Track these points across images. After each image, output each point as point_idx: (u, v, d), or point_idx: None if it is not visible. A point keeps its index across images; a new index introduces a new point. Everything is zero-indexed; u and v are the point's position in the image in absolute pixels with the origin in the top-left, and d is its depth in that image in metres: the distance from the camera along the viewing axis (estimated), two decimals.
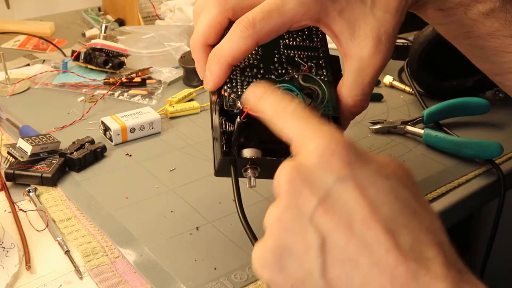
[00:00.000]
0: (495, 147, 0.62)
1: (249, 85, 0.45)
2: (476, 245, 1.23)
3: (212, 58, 0.43)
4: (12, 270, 0.47)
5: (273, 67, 0.48)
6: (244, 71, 0.47)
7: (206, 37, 0.45)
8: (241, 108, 0.43)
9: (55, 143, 0.62)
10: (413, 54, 0.77)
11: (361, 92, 0.45)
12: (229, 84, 0.45)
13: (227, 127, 0.45)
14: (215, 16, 0.44)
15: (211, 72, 0.44)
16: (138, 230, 0.52)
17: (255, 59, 0.48)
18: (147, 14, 1.14)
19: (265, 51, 0.49)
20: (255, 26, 0.41)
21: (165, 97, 0.79)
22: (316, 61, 0.50)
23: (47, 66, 0.90)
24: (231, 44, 0.42)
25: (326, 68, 0.49)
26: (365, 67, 0.44)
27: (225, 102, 0.44)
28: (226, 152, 0.43)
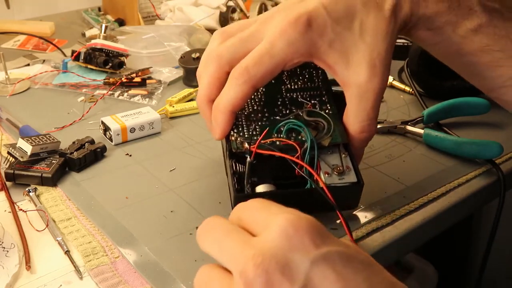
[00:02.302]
0: (495, 147, 0.61)
1: (255, 128, 0.48)
2: (476, 245, 1.23)
3: (215, 109, 0.46)
4: (12, 270, 0.47)
5: (277, 109, 0.50)
6: (249, 117, 0.49)
7: (209, 94, 0.47)
8: (249, 148, 0.46)
9: (55, 143, 0.62)
10: (413, 54, 0.77)
11: (366, 117, 0.46)
12: (235, 130, 0.48)
13: (238, 168, 0.47)
14: (213, 73, 0.46)
15: (216, 122, 0.46)
16: (138, 230, 0.52)
17: (259, 105, 0.51)
18: (147, 14, 1.14)
19: (268, 97, 0.51)
20: (249, 72, 0.44)
21: (165, 97, 0.79)
22: (319, 98, 0.51)
23: (47, 66, 0.90)
24: (229, 93, 0.45)
25: (329, 103, 0.51)
26: (365, 93, 0.44)
27: (232, 145, 0.47)
28: (239, 190, 0.45)
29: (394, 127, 0.69)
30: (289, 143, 0.46)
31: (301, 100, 0.51)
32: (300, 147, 0.46)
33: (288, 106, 0.50)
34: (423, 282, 1.14)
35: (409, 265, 1.16)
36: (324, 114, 0.49)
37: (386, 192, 0.57)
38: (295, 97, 0.52)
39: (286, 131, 0.48)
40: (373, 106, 0.45)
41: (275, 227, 0.31)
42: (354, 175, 0.47)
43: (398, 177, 0.60)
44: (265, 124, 0.49)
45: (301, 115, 0.49)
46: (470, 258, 1.25)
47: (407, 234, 0.53)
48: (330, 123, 0.49)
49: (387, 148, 0.66)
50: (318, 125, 0.49)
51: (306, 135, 0.46)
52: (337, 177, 0.47)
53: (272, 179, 0.46)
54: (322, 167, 0.47)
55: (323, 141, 0.48)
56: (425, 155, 0.65)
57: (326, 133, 0.48)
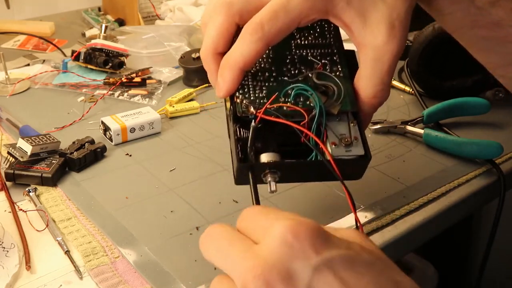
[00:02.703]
0: (495, 147, 0.61)
1: (262, 89, 0.45)
2: (476, 245, 1.23)
3: (224, 65, 0.43)
4: (12, 270, 0.47)
5: (286, 68, 0.47)
6: (256, 76, 0.46)
7: (215, 46, 0.44)
8: (254, 113, 0.43)
9: (55, 143, 0.62)
10: (413, 54, 0.77)
11: (380, 81, 0.43)
12: (241, 91, 0.44)
13: (242, 134, 0.44)
14: (222, 23, 0.43)
15: (223, 79, 0.43)
16: (138, 230, 0.52)
17: (267, 63, 0.47)
18: (147, 14, 1.14)
19: (276, 54, 0.48)
20: (263, 28, 0.41)
21: (165, 97, 0.79)
22: (330, 57, 0.48)
23: (47, 66, 0.90)
24: (242, 49, 0.42)
25: (341, 64, 0.47)
26: (381, 55, 0.42)
27: (238, 108, 0.43)
28: (242, 159, 0.42)
29: (394, 127, 0.69)
30: (296, 109, 0.43)
31: (311, 58, 0.48)
32: (308, 113, 0.43)
33: (298, 66, 0.47)
34: (423, 282, 1.14)
35: (409, 265, 1.16)
36: (334, 77, 0.46)
37: (386, 192, 0.57)
38: (305, 54, 0.48)
39: (294, 95, 0.45)
40: (388, 70, 0.43)
41: (274, 235, 0.30)
42: (362, 148, 0.44)
43: (398, 177, 0.60)
44: (273, 86, 0.46)
45: (311, 76, 0.46)
46: (470, 258, 1.25)
47: (407, 234, 0.53)
48: (340, 89, 0.46)
49: (387, 148, 0.66)
50: (328, 89, 0.46)
51: (315, 102, 0.43)
52: (344, 149, 0.44)
53: (277, 145, 0.44)
54: (329, 136, 0.45)
55: (332, 108, 0.45)
56: (425, 155, 0.65)
57: (336, 100, 0.45)
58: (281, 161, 0.43)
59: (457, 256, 1.27)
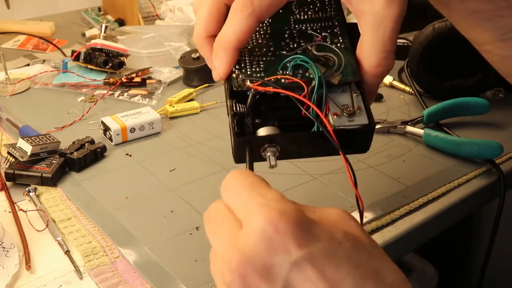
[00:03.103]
0: (495, 147, 0.61)
1: (259, 64, 0.43)
2: (476, 245, 1.23)
3: (217, 46, 0.41)
4: (12, 270, 0.47)
5: (284, 43, 0.45)
6: (253, 51, 0.44)
7: (207, 29, 0.43)
8: (250, 86, 0.41)
9: (55, 143, 0.62)
10: (413, 54, 0.77)
11: (383, 48, 0.41)
12: (237, 66, 0.43)
13: (239, 109, 0.42)
14: (211, 5, 0.42)
15: (218, 60, 0.42)
16: (138, 230, 0.52)
17: (265, 38, 0.45)
18: (147, 14, 1.14)
19: (274, 29, 0.46)
20: (253, 3, 0.40)
21: (165, 97, 0.79)
22: (331, 30, 0.46)
23: (47, 66, 0.90)
24: (233, 26, 0.40)
25: (342, 36, 0.45)
26: (382, 20, 0.40)
27: (233, 83, 0.42)
28: (239, 133, 0.40)
29: (394, 127, 0.69)
30: (295, 80, 0.42)
31: (311, 32, 0.46)
32: (307, 85, 0.41)
33: (297, 40, 0.45)
34: (423, 282, 1.14)
35: (409, 265, 1.16)
36: (334, 48, 0.44)
37: (386, 192, 0.57)
38: (304, 28, 0.46)
39: (293, 67, 0.43)
40: (391, 36, 0.41)
41: (255, 226, 0.30)
42: (365, 117, 0.42)
43: (398, 177, 0.60)
44: (270, 60, 0.44)
45: (310, 49, 0.44)
46: (470, 258, 1.25)
47: (407, 234, 0.53)
48: (341, 58, 0.44)
49: (387, 148, 0.66)
50: (328, 60, 0.44)
51: (314, 72, 0.41)
52: (347, 119, 0.42)
53: (277, 120, 0.42)
54: (331, 107, 0.42)
55: (332, 78, 0.42)
56: (425, 155, 0.65)
57: (337, 70, 0.43)
58: (279, 134, 0.41)
59: (457, 256, 1.27)
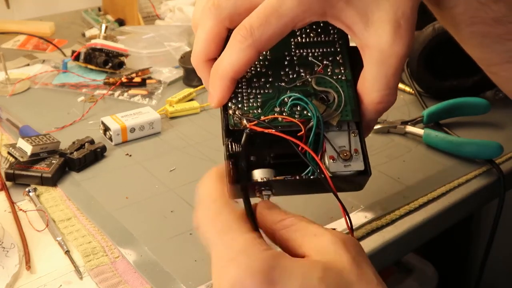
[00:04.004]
0: (495, 147, 0.62)
1: (256, 98, 0.42)
2: (476, 245, 1.23)
3: (214, 74, 0.41)
4: (12, 270, 0.47)
5: (283, 72, 0.44)
6: (250, 82, 0.43)
7: (206, 52, 0.42)
8: (247, 126, 0.40)
9: (55, 143, 0.62)
10: (413, 54, 0.77)
11: (386, 86, 0.40)
12: (234, 100, 0.42)
13: (235, 149, 0.41)
14: (211, 28, 0.41)
15: (214, 89, 0.41)
16: (138, 230, 0.52)
17: (263, 66, 0.44)
18: (147, 14, 1.14)
19: (274, 54, 0.44)
20: (253, 34, 0.38)
21: (165, 97, 0.79)
22: (333, 57, 0.44)
23: (47, 66, 0.90)
24: (231, 57, 0.39)
25: (344, 65, 0.44)
26: (387, 58, 0.39)
27: (230, 121, 0.41)
28: (234, 180, 0.40)
29: (394, 127, 0.69)
30: (292, 121, 0.41)
31: (312, 60, 0.44)
32: (305, 125, 0.40)
33: (297, 68, 0.44)
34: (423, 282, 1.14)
35: (409, 265, 1.16)
36: (335, 83, 0.43)
37: (386, 192, 0.57)
38: (305, 54, 0.45)
39: (291, 105, 0.42)
40: (395, 73, 0.40)
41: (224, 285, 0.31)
42: (362, 162, 0.42)
43: (398, 177, 0.60)
44: (268, 93, 0.43)
45: (310, 81, 0.43)
46: (470, 258, 1.25)
47: (407, 234, 0.53)
48: (341, 96, 0.43)
49: (387, 148, 0.66)
50: (328, 95, 0.43)
51: (312, 113, 0.41)
52: (343, 164, 0.41)
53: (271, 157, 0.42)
54: (327, 148, 0.42)
55: (331, 119, 0.42)
56: (425, 155, 0.65)
57: (336, 109, 0.42)
58: (275, 180, 0.40)
59: (457, 256, 1.27)
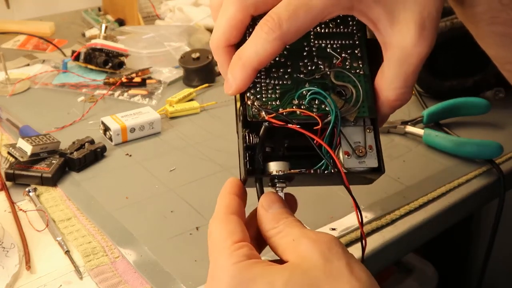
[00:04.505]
0: (495, 147, 0.61)
1: (275, 89, 0.42)
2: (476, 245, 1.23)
3: (236, 62, 0.40)
4: (12, 270, 0.47)
5: (302, 63, 0.44)
6: (269, 72, 0.43)
7: (227, 38, 0.41)
8: (265, 118, 0.40)
9: (55, 143, 0.62)
10: None
11: (404, 84, 0.41)
12: (252, 90, 0.42)
13: (252, 141, 0.41)
14: (235, 14, 0.40)
15: (234, 77, 0.40)
16: (138, 230, 0.52)
17: (282, 56, 0.44)
18: (147, 14, 1.14)
19: (293, 45, 0.43)
20: (281, 27, 0.38)
21: (165, 97, 0.79)
22: (351, 50, 0.45)
23: (47, 66, 0.90)
24: (256, 47, 0.39)
25: (362, 59, 0.44)
26: (409, 57, 0.39)
27: (248, 112, 0.41)
28: (250, 171, 0.41)
29: (394, 127, 0.69)
30: (310, 115, 0.41)
31: (330, 51, 0.45)
32: (322, 119, 0.41)
33: (315, 60, 0.44)
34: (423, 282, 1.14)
35: (409, 265, 1.16)
36: (354, 77, 0.43)
37: (386, 192, 0.57)
38: (324, 46, 0.45)
39: (309, 99, 0.42)
40: (414, 72, 0.40)
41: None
42: (375, 159, 0.42)
43: (398, 177, 0.60)
44: (287, 84, 0.43)
45: (329, 75, 0.43)
46: (470, 258, 1.25)
47: (407, 234, 0.53)
48: (359, 91, 0.43)
49: (387, 148, 0.66)
50: (345, 90, 0.43)
51: (330, 107, 0.41)
52: (357, 160, 0.42)
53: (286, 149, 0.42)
54: (342, 143, 0.42)
55: (348, 115, 0.42)
56: (425, 155, 0.65)
57: (354, 105, 0.42)
58: (290, 173, 0.41)
59: (457, 256, 1.27)
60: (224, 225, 0.37)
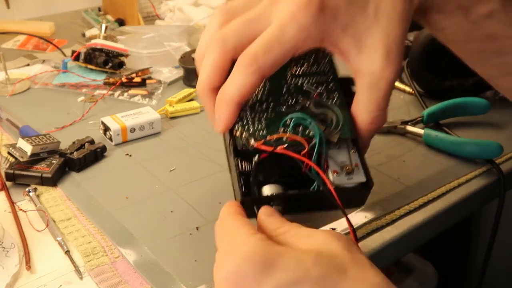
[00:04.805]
0: (495, 147, 0.62)
1: (260, 121, 0.45)
2: (476, 245, 1.23)
3: (220, 100, 0.43)
4: (12, 270, 0.47)
5: (283, 98, 0.47)
6: (253, 108, 0.46)
7: (211, 81, 0.44)
8: (255, 146, 0.43)
9: (55, 143, 0.62)
10: (413, 54, 0.77)
11: (377, 107, 0.43)
12: (239, 123, 0.44)
13: (244, 168, 0.44)
14: (217, 59, 0.43)
15: (220, 114, 0.43)
16: (138, 230, 0.52)
17: (264, 93, 0.47)
18: (147, 14, 1.14)
19: (272, 84, 0.48)
20: (258, 61, 0.41)
21: (165, 97, 0.79)
22: (326, 85, 0.48)
23: (47, 66, 0.90)
24: (236, 83, 0.41)
25: (337, 91, 0.48)
26: (378, 81, 0.42)
27: (238, 142, 0.43)
28: (246, 193, 0.42)
29: (394, 127, 0.69)
30: (296, 139, 0.44)
31: (307, 88, 0.48)
32: (308, 143, 0.43)
33: (294, 95, 0.47)
34: (423, 282, 1.14)
35: (409, 265, 1.16)
36: (331, 105, 0.47)
37: (386, 192, 0.57)
38: (300, 84, 0.48)
39: (293, 125, 0.45)
40: (385, 96, 0.42)
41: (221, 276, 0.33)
42: (363, 174, 0.45)
43: (398, 177, 0.60)
44: (271, 117, 0.46)
45: (308, 106, 0.46)
46: (470, 258, 1.25)
47: (407, 234, 0.53)
48: (338, 116, 0.46)
49: (387, 148, 0.66)
50: (326, 117, 0.46)
51: (314, 131, 0.44)
52: (346, 177, 0.45)
53: (278, 176, 0.44)
54: (330, 164, 0.45)
55: (331, 137, 0.45)
56: (425, 155, 0.65)
57: (335, 128, 0.45)
58: (284, 193, 0.43)
59: (457, 256, 1.28)
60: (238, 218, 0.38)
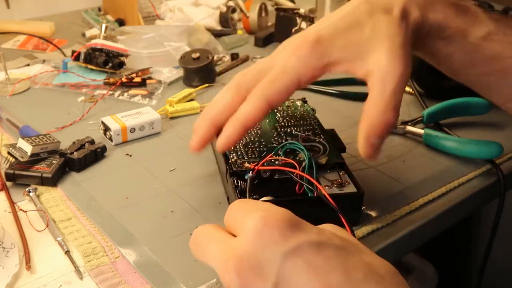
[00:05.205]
0: (495, 147, 0.61)
1: (254, 152, 0.53)
2: (476, 245, 1.23)
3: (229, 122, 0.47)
4: (12, 270, 0.47)
5: (274, 139, 0.55)
6: (247, 145, 0.54)
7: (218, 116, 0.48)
8: (249, 166, 0.49)
9: (55, 143, 0.62)
10: (413, 54, 0.77)
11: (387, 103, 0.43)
12: (234, 154, 0.52)
13: (240, 185, 0.50)
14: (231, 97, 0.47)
15: (227, 132, 0.46)
16: (138, 230, 0.52)
17: (256, 136, 0.55)
18: (147, 14, 1.14)
19: (263, 131, 0.56)
20: (263, 89, 0.45)
21: (165, 97, 0.79)
22: (312, 131, 0.56)
23: (47, 66, 0.90)
24: (245, 108, 0.46)
25: (322, 134, 0.55)
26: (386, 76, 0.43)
27: (233, 165, 0.50)
28: None
29: (394, 127, 0.69)
30: (288, 161, 0.49)
31: (295, 132, 0.55)
32: (299, 165, 0.48)
33: (284, 137, 0.55)
34: (423, 282, 1.14)
35: (409, 265, 1.16)
36: (318, 140, 0.53)
37: (386, 192, 0.57)
38: (289, 131, 0.56)
39: (284, 152, 0.51)
40: (394, 91, 0.43)
41: (248, 227, 0.32)
42: (353, 187, 0.50)
43: (398, 177, 0.60)
44: (263, 150, 0.53)
45: (297, 141, 0.53)
46: (470, 258, 1.25)
47: (407, 234, 0.53)
48: (325, 146, 0.52)
49: (387, 148, 0.66)
50: (314, 147, 0.53)
51: (304, 154, 0.49)
52: (337, 189, 0.50)
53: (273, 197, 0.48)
54: (321, 182, 0.50)
55: (320, 160, 0.50)
56: (425, 155, 0.65)
57: (323, 154, 0.52)
58: (279, 199, 0.47)
59: (457, 256, 1.28)
60: None
